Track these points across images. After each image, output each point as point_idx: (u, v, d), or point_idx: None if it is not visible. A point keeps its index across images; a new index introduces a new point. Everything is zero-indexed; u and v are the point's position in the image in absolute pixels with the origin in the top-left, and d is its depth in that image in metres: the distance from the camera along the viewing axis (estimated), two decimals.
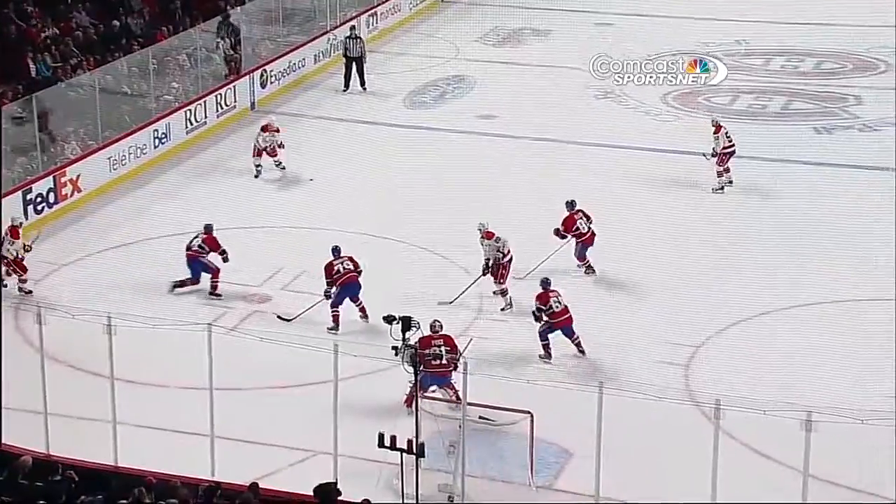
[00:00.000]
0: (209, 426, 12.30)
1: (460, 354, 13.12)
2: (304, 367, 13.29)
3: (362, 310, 15.36)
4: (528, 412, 12.31)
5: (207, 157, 21.35)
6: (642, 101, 23.32)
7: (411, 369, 11.59)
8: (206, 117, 22.21)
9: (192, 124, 21.85)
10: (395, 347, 11.62)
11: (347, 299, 15.32)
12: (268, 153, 20.36)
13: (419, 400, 11.80)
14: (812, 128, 21.87)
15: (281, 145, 20.33)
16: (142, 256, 17.39)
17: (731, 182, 18.83)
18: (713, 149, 18.58)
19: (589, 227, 16.30)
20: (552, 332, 14.40)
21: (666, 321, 15.34)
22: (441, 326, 13.55)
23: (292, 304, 15.87)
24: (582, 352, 14.44)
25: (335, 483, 11.24)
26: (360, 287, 15.35)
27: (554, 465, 12.66)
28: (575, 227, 16.01)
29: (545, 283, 14.57)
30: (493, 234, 15.87)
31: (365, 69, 24.12)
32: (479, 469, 12.15)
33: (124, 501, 10.41)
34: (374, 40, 27.25)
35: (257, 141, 20.28)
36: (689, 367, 14.43)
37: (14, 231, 16.08)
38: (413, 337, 11.66)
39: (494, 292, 15.86)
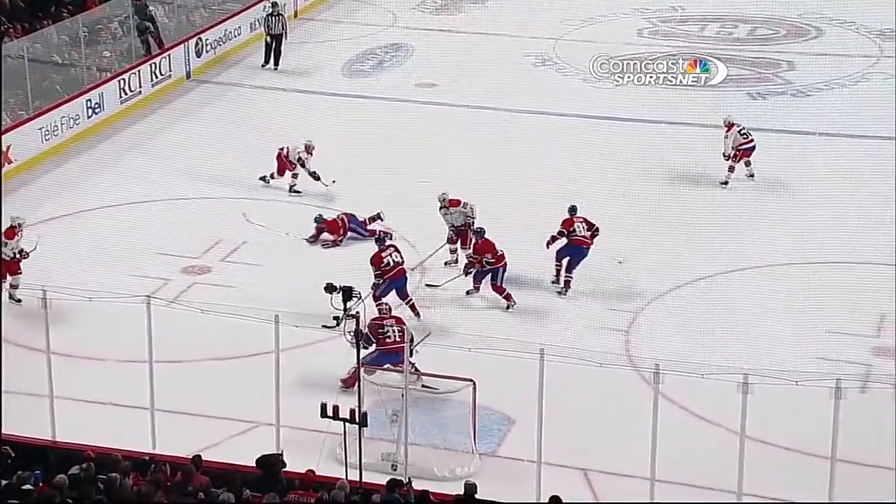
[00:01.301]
0: (149, 399, 12.20)
1: (418, 341, 13.05)
2: (245, 339, 13.22)
3: (412, 307, 14.70)
4: (471, 380, 12.36)
5: (142, 128, 21.05)
6: (579, 68, 23.41)
7: (354, 339, 11.55)
8: (140, 87, 21.86)
9: (125, 94, 21.50)
10: (336, 317, 11.59)
11: (394, 293, 14.65)
12: (294, 167, 18.35)
13: (362, 371, 11.77)
14: (747, 93, 22.10)
15: (314, 175, 18.29)
16: (76, 229, 17.13)
17: (752, 175, 18.27)
18: (724, 150, 18.15)
19: (586, 235, 15.44)
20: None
21: (606, 288, 15.45)
22: (390, 309, 13.46)
23: (235, 278, 15.74)
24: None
25: (280, 454, 11.24)
26: (407, 281, 14.87)
27: (496, 433, 12.74)
28: (572, 229, 15.45)
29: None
30: (460, 202, 15.94)
31: (283, 48, 23.58)
32: (422, 437, 12.19)
33: (63, 475, 10.30)
34: (310, 8, 27.00)
35: (299, 158, 18.28)
36: (629, 333, 14.58)
37: (10, 232, 15.15)
38: (355, 307, 11.63)
39: (466, 259, 15.82)
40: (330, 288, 11.70)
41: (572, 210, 15.60)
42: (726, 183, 18.19)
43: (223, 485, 10.69)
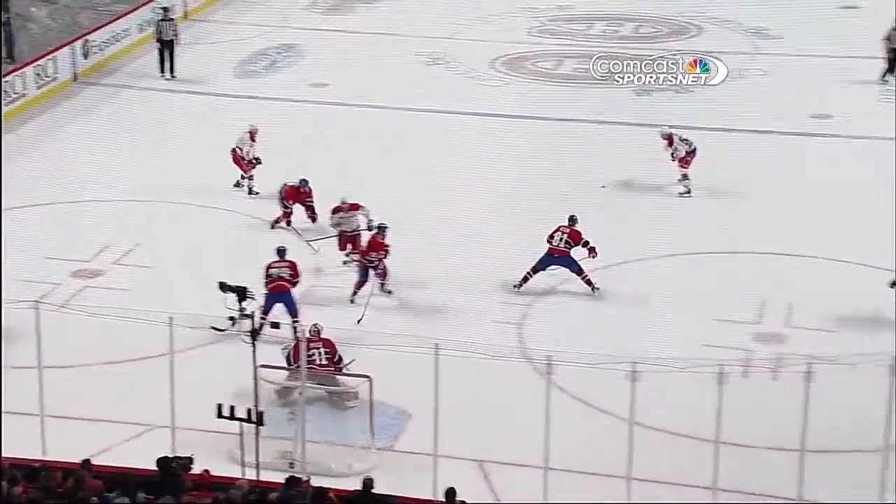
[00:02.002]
0: (38, 405, 12.03)
1: (343, 365, 13.08)
2: (139, 342, 13.10)
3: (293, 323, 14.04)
4: (367, 376, 12.50)
5: (28, 131, 20.64)
6: (472, 67, 23.69)
7: (250, 339, 11.54)
8: (25, 89, 21.44)
9: (10, 96, 21.07)
10: (231, 318, 11.57)
11: (281, 307, 14.34)
12: (245, 166, 18.13)
13: (256, 370, 11.75)
14: (632, 90, 22.61)
15: (257, 160, 18.27)
16: None
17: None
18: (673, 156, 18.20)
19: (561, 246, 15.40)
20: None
21: (499, 281, 15.68)
22: (318, 332, 13.18)
23: (128, 280, 15.57)
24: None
25: (189, 457, 11.09)
26: (290, 298, 14.41)
27: (394, 427, 12.87)
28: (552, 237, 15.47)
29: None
30: (360, 206, 16.01)
31: (175, 54, 23.19)
32: (319, 434, 12.26)
33: None
34: (200, 10, 26.75)
35: (242, 150, 18.16)
36: (521, 326, 14.85)
37: None
38: (249, 307, 11.60)
39: (346, 262, 15.99)
40: (224, 287, 11.63)
41: (571, 220, 15.45)
42: (689, 192, 18.07)
43: (117, 488, 10.61)
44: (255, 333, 11.39)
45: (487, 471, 12.26)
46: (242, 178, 18.32)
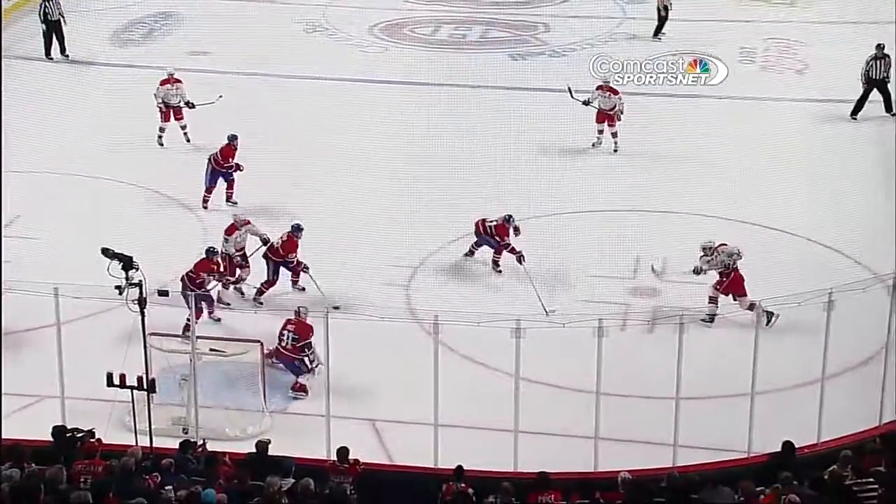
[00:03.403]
0: None
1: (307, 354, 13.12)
2: (26, 314, 12.98)
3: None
4: (258, 341, 12.67)
5: None
6: (351, 34, 23.77)
7: (137, 308, 11.57)
8: None
9: None
10: (118, 287, 11.56)
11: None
12: (174, 116, 18.63)
13: (147, 337, 11.78)
14: (507, 55, 23.01)
15: (189, 104, 18.67)
16: None
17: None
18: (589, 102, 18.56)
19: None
20: None
21: (387, 244, 15.91)
22: (298, 313, 13.23)
23: (10, 252, 15.28)
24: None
25: (91, 431, 11.10)
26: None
27: (285, 390, 13.09)
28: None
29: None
30: (249, 221, 15.19)
31: (65, 32, 22.58)
32: (212, 400, 12.40)
33: None
34: None
35: (161, 98, 18.55)
36: (409, 287, 15.16)
37: None
38: (136, 276, 11.60)
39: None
40: (107, 253, 11.57)
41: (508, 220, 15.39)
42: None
43: (8, 460, 10.59)
44: (142, 302, 11.44)
45: (379, 429, 12.58)
46: (161, 130, 18.71)
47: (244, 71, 21.64)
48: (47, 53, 22.44)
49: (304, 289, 14.94)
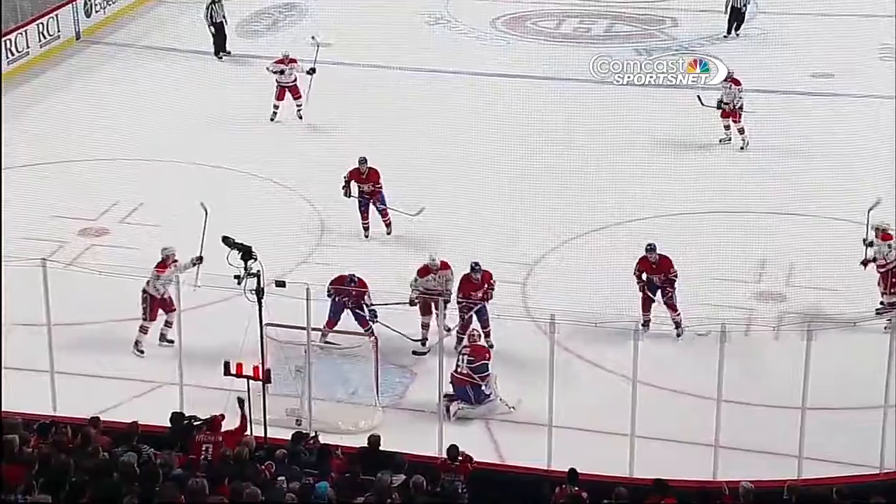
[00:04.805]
0: (49, 362, 12.14)
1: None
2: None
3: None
4: (373, 335, 12.61)
5: (31, 90, 20.63)
6: (473, 27, 23.62)
7: (255, 298, 11.62)
8: (27, 47, 21.40)
9: (12, 55, 21.02)
10: (237, 276, 11.63)
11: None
12: (291, 94, 19.22)
13: (263, 328, 11.82)
14: (633, 49, 22.57)
15: (311, 71, 19.15)
16: None
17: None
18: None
19: None
20: None
21: (504, 242, 15.70)
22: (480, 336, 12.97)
23: (134, 239, 15.59)
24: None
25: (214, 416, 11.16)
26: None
27: (399, 385, 13.01)
28: None
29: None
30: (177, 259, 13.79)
31: (227, 33, 22.63)
32: (325, 393, 12.39)
33: None
34: None
35: (277, 77, 19.16)
36: (525, 286, 14.92)
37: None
38: (254, 266, 11.65)
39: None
40: (227, 241, 11.63)
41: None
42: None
43: (125, 444, 10.73)
44: (260, 292, 11.47)
45: (492, 429, 12.40)
46: (275, 107, 19.13)
47: (367, 63, 21.64)
48: (217, 52, 22.37)
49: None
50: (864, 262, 13.90)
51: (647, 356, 11.34)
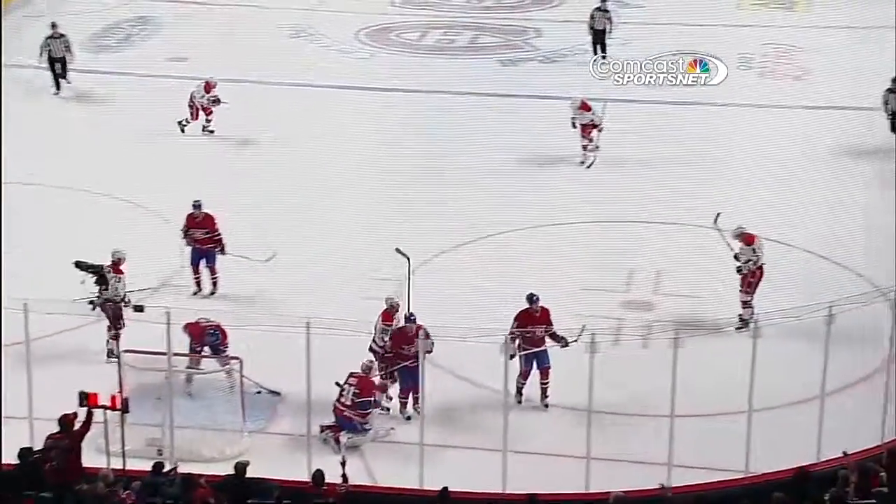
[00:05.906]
0: None
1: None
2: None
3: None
4: (237, 358, 12.22)
5: None
6: (336, 39, 23.35)
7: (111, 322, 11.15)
8: None
9: None
10: (91, 302, 11.18)
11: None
12: (204, 112, 19.27)
13: (120, 354, 11.34)
14: (497, 60, 22.62)
15: (216, 101, 19.12)
16: None
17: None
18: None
19: None
20: None
21: (369, 258, 15.43)
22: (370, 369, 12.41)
23: None
24: None
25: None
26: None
27: (266, 409, 12.63)
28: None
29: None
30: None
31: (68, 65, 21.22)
32: (188, 419, 11.93)
33: None
34: None
35: (195, 100, 19.14)
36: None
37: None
38: (109, 290, 11.17)
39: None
40: (82, 265, 11.19)
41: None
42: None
43: None
44: (117, 318, 11.04)
45: (364, 450, 12.12)
46: (186, 121, 19.04)
47: (226, 77, 21.14)
48: (57, 91, 21.09)
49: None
50: (739, 270, 14.02)
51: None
